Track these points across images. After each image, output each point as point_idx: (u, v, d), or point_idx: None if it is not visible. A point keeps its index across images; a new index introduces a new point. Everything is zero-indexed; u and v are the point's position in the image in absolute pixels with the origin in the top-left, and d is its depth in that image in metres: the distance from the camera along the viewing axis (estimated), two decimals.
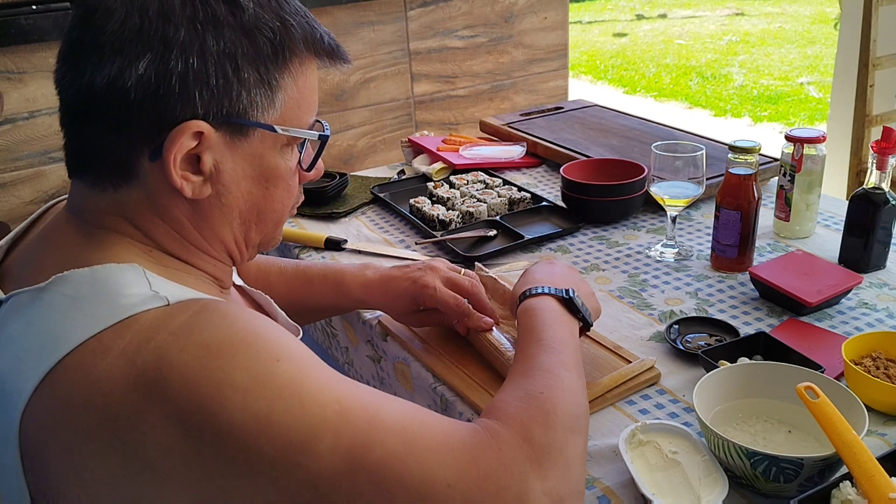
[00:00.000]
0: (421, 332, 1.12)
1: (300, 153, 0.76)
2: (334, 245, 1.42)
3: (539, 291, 0.91)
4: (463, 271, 1.09)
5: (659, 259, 1.33)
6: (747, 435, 0.86)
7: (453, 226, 1.48)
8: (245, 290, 0.91)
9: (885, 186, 1.20)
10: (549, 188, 1.69)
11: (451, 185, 1.64)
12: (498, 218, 1.48)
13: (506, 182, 1.64)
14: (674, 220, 1.34)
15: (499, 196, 1.56)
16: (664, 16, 9.58)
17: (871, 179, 1.20)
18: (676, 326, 1.09)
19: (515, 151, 1.82)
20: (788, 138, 1.34)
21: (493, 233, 1.43)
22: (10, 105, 1.94)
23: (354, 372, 1.31)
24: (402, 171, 1.81)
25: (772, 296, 1.16)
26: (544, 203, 1.55)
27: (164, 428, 0.57)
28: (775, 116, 5.79)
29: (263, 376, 0.59)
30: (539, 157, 1.83)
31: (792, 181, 1.34)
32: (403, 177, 1.76)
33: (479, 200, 1.55)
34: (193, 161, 0.67)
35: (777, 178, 1.41)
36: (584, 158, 1.62)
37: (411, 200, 1.55)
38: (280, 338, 0.63)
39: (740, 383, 0.90)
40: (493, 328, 1.03)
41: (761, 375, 0.90)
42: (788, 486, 0.77)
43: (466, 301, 1.04)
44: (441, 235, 1.43)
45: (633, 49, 8.03)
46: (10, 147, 1.97)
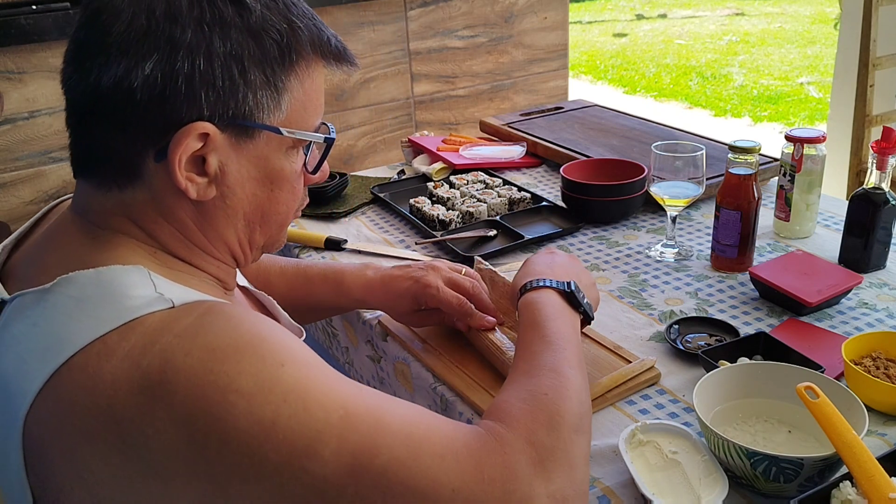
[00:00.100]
0: (421, 332, 1.12)
1: (305, 155, 0.75)
2: (334, 245, 1.42)
3: (540, 284, 0.90)
4: (464, 270, 1.09)
5: (659, 259, 1.33)
6: (747, 435, 0.86)
7: (453, 226, 1.48)
8: (249, 291, 0.91)
9: (885, 186, 1.20)
10: (549, 188, 1.69)
11: (451, 185, 1.64)
12: (498, 218, 1.48)
13: (506, 182, 1.64)
14: (674, 220, 1.34)
15: (499, 196, 1.56)
16: (664, 16, 9.58)
17: (871, 179, 1.21)
18: (676, 326, 1.10)
19: (515, 151, 1.82)
20: (788, 138, 1.34)
21: (493, 233, 1.43)
22: (10, 105, 1.94)
23: (354, 372, 1.31)
24: (402, 171, 1.81)
25: (772, 296, 1.17)
26: (544, 203, 1.55)
27: (169, 432, 0.57)
28: (775, 116, 5.79)
29: (268, 382, 0.59)
30: (539, 157, 1.83)
31: (792, 181, 1.34)
32: (403, 177, 1.76)
33: (479, 200, 1.55)
34: (198, 162, 0.67)
35: (777, 178, 1.41)
36: (584, 158, 1.62)
37: (411, 200, 1.55)
38: (285, 341, 0.63)
39: (740, 383, 0.90)
40: (495, 328, 1.03)
41: (761, 375, 0.90)
42: (788, 486, 0.77)
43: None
44: (441, 235, 1.43)
45: (633, 49, 8.03)
46: (10, 147, 1.97)
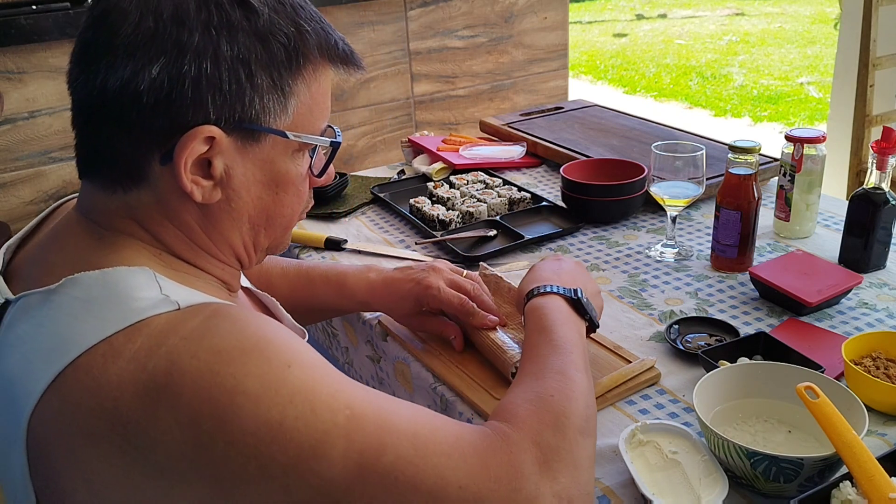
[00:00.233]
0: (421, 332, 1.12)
1: (311, 159, 0.75)
2: (334, 245, 1.42)
3: (547, 290, 0.91)
4: (465, 273, 1.09)
5: (659, 259, 1.33)
6: (747, 435, 0.86)
7: (453, 226, 1.48)
8: (252, 293, 0.91)
9: (885, 186, 1.20)
10: (549, 188, 1.69)
11: (451, 185, 1.64)
12: (498, 218, 1.48)
13: (506, 182, 1.64)
14: (674, 220, 1.34)
15: (499, 196, 1.56)
16: (664, 16, 9.58)
17: (871, 179, 1.21)
18: (676, 326, 1.10)
19: (515, 151, 1.82)
20: (788, 138, 1.34)
21: (493, 233, 1.43)
22: (10, 105, 1.94)
23: (354, 372, 1.31)
24: (402, 171, 1.81)
25: (772, 296, 1.17)
26: (544, 203, 1.55)
27: (175, 434, 0.57)
28: (775, 116, 5.79)
29: (275, 383, 0.59)
30: (539, 157, 1.83)
31: (792, 181, 1.34)
32: (403, 177, 1.76)
33: (479, 200, 1.55)
34: (204, 165, 0.67)
35: (777, 178, 1.41)
36: (584, 158, 1.62)
37: (411, 200, 1.55)
38: (290, 343, 0.63)
39: (740, 383, 0.90)
40: (497, 328, 1.03)
41: (761, 375, 0.90)
42: (788, 486, 0.77)
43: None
44: (441, 235, 1.43)
45: (633, 49, 8.03)
46: (10, 147, 1.97)
